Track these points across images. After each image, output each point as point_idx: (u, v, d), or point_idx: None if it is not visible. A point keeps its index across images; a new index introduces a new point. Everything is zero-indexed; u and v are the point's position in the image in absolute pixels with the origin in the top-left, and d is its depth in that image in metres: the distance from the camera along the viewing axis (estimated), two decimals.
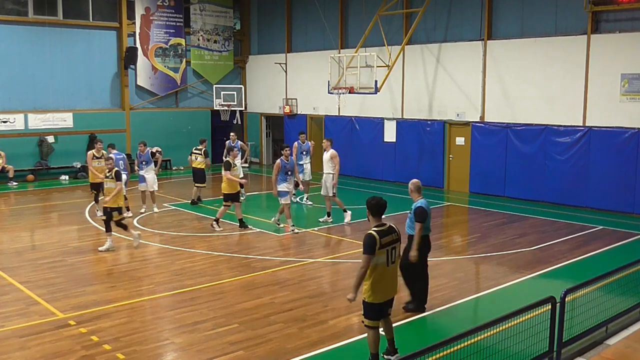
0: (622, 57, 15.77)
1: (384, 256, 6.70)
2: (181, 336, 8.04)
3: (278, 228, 14.10)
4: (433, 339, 7.31)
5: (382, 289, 6.79)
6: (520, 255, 12.12)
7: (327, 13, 23.00)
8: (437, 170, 20.02)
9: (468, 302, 9.45)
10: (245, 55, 27.12)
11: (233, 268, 11.11)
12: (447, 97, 19.65)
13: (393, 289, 6.99)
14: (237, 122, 25.71)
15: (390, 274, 6.87)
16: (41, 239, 13.62)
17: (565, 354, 7.03)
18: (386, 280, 6.80)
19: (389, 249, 6.76)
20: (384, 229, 6.78)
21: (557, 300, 6.76)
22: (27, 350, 7.51)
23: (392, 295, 7.00)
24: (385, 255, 6.72)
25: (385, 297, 6.87)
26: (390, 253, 6.79)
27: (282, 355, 7.43)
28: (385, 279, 6.78)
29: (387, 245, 6.73)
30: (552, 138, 17.18)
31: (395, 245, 6.88)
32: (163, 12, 24.26)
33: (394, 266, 6.93)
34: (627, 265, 8.79)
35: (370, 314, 6.86)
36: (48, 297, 9.44)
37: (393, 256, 6.84)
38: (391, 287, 6.94)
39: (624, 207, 15.93)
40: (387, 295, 6.91)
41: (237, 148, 16.31)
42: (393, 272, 6.93)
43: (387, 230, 6.79)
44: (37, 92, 21.72)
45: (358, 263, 11.39)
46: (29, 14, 21.31)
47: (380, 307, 6.86)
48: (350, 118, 22.43)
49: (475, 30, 18.89)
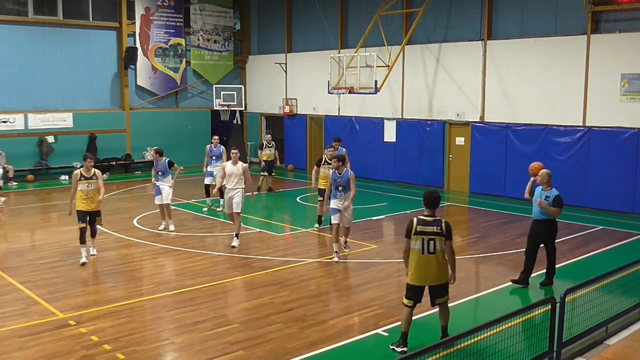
0: (622, 57, 15.77)
1: (419, 243, 7.21)
2: (181, 336, 8.04)
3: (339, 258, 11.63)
4: (433, 338, 7.33)
5: (417, 273, 7.30)
6: (520, 255, 12.07)
7: (327, 13, 23.00)
8: (437, 170, 20.01)
9: (468, 302, 9.45)
10: (245, 55, 27.12)
11: (233, 268, 11.11)
12: (447, 97, 19.65)
13: (429, 277, 7.31)
14: (237, 122, 25.71)
15: (426, 262, 7.26)
16: (41, 239, 13.62)
17: (565, 354, 7.03)
18: (421, 267, 7.27)
19: (425, 238, 7.21)
20: (427, 220, 7.28)
21: (557, 300, 6.76)
22: (27, 350, 7.51)
23: (427, 282, 7.34)
24: (420, 243, 7.21)
25: (419, 281, 7.32)
26: (427, 243, 7.21)
27: (282, 355, 7.43)
28: (419, 265, 7.26)
29: (423, 234, 7.21)
30: (552, 138, 17.18)
31: (435, 238, 7.22)
32: (163, 12, 24.26)
33: (432, 257, 7.25)
34: (627, 265, 8.80)
35: (406, 293, 7.46)
36: (48, 297, 9.44)
37: (430, 247, 7.22)
38: (426, 275, 7.30)
39: (624, 207, 15.93)
40: (422, 281, 7.32)
41: (218, 154, 16.14)
42: (429, 261, 7.27)
43: (429, 222, 7.27)
44: (37, 92, 21.72)
45: (358, 263, 11.44)
46: (29, 14, 21.31)
47: (415, 289, 7.35)
48: (350, 118, 22.43)
49: (475, 30, 18.89)
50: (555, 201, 9.62)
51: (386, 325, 8.34)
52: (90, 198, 11.13)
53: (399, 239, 13.29)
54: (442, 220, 7.34)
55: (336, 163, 11.55)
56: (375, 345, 7.88)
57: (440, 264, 7.31)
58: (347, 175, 11.48)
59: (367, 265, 11.28)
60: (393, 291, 10.04)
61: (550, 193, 9.74)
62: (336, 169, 11.55)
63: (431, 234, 7.22)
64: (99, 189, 11.23)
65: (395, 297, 9.73)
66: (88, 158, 11.31)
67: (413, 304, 7.42)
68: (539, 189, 9.97)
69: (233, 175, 12.48)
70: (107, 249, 12.44)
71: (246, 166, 12.68)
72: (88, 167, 11.20)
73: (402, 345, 7.43)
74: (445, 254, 7.33)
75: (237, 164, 12.57)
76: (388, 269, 11.13)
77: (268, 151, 19.07)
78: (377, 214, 15.82)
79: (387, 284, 10.33)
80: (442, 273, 7.36)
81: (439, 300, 7.47)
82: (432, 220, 7.27)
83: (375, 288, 10.07)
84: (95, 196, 11.18)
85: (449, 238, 7.30)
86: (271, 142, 19.35)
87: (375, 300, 9.39)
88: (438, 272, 7.32)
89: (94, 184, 11.15)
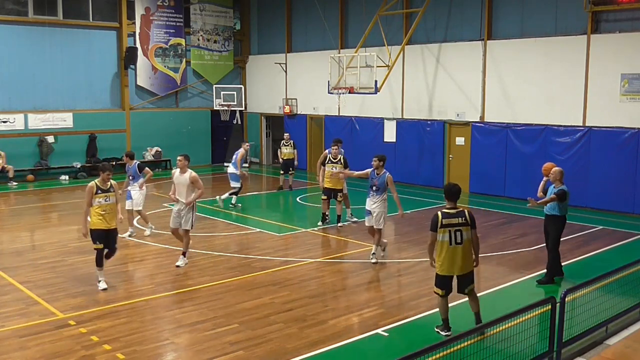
0: (622, 57, 15.76)
1: (446, 235, 7.58)
2: (181, 336, 8.04)
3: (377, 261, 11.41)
4: (433, 338, 7.33)
5: (445, 264, 7.69)
6: (520, 255, 12.12)
7: (327, 13, 22.99)
8: (437, 170, 20.01)
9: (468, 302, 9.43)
10: (245, 55, 27.12)
11: (233, 268, 11.11)
12: (447, 97, 19.64)
13: (458, 266, 7.69)
14: (237, 122, 25.73)
15: (453, 252, 7.63)
16: (41, 239, 13.62)
17: (565, 354, 7.03)
18: (449, 257, 7.65)
19: (451, 230, 7.58)
20: (451, 212, 7.67)
21: (557, 300, 6.76)
22: (27, 350, 7.51)
23: (456, 272, 7.72)
24: (448, 235, 7.57)
25: (448, 271, 7.72)
26: (454, 234, 7.58)
27: (282, 355, 7.43)
28: (448, 256, 7.64)
29: (449, 226, 7.59)
30: (552, 138, 17.17)
31: (461, 228, 7.61)
32: (163, 12, 24.26)
33: (460, 247, 7.63)
34: (627, 265, 8.81)
35: (436, 283, 7.88)
36: (48, 297, 9.44)
37: (458, 237, 7.60)
38: (455, 265, 7.67)
39: (624, 207, 15.92)
40: (451, 271, 7.72)
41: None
42: (458, 251, 7.64)
43: (454, 214, 7.66)
44: (37, 92, 21.71)
45: (358, 263, 11.44)
46: (29, 14, 21.31)
47: (444, 279, 7.77)
48: (350, 118, 22.43)
49: (475, 30, 18.89)
50: (558, 192, 9.88)
51: (386, 325, 8.34)
52: (108, 214, 9.74)
53: (399, 239, 13.31)
54: (465, 210, 7.74)
55: (377, 162, 11.31)
56: (375, 345, 7.87)
57: (467, 253, 7.73)
58: (384, 177, 11.23)
59: (367, 265, 11.28)
60: (393, 291, 10.05)
61: (560, 189, 10.04)
62: (375, 169, 11.34)
63: (457, 225, 7.61)
64: (116, 203, 9.96)
65: (395, 297, 9.74)
66: (107, 170, 9.82)
67: (445, 293, 7.83)
68: (551, 187, 10.22)
69: (180, 185, 10.81)
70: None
71: (195, 175, 10.75)
72: (105, 179, 9.83)
73: (446, 329, 7.94)
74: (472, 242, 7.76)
75: (186, 173, 10.75)
76: (388, 269, 11.13)
77: (285, 150, 19.12)
78: None
79: (387, 284, 10.33)
80: (468, 262, 7.79)
81: (468, 287, 7.86)
82: (455, 212, 7.67)
83: (375, 288, 10.07)
84: (113, 211, 9.85)
85: (474, 227, 7.74)
86: (289, 140, 19.33)
87: (375, 300, 9.39)
88: (465, 262, 7.73)
89: (111, 197, 9.82)
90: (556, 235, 10.14)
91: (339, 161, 14.24)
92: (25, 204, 17.58)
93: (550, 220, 10.16)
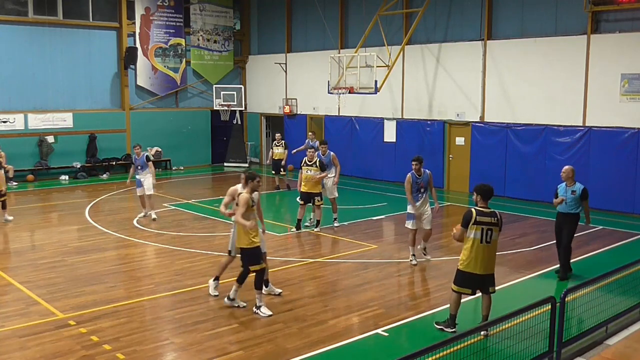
0: (622, 57, 15.76)
1: (478, 232, 7.62)
2: (181, 336, 8.04)
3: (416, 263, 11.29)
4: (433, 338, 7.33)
5: (472, 262, 7.67)
6: (520, 255, 12.12)
7: (327, 13, 22.99)
8: (437, 170, 19.96)
9: (468, 302, 9.42)
10: (245, 55, 27.12)
11: (233, 268, 11.05)
12: (447, 97, 19.65)
13: (484, 266, 7.68)
14: (237, 122, 25.73)
15: (483, 251, 7.65)
16: (41, 239, 13.61)
17: (565, 354, 7.03)
18: (478, 256, 7.64)
19: (484, 228, 7.63)
20: (485, 211, 7.76)
21: (557, 300, 6.77)
22: (27, 350, 7.51)
23: (481, 271, 7.68)
24: (480, 232, 7.61)
25: (473, 269, 7.68)
26: (486, 232, 7.62)
27: (282, 355, 7.43)
28: (477, 254, 7.64)
29: (482, 224, 7.64)
30: (552, 138, 17.17)
31: (492, 228, 7.67)
32: (163, 12, 24.26)
33: (489, 246, 7.66)
34: (627, 265, 8.81)
35: (456, 279, 7.88)
36: (48, 297, 9.44)
37: (488, 236, 7.64)
38: (482, 264, 7.66)
39: (624, 207, 15.92)
40: (476, 269, 7.68)
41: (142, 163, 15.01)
42: (486, 250, 7.67)
43: (487, 213, 7.74)
44: (37, 92, 21.71)
45: (358, 263, 11.44)
46: (29, 14, 21.30)
47: (466, 276, 7.74)
48: (350, 118, 22.43)
49: (475, 30, 18.89)
50: (584, 193, 10.34)
51: (386, 325, 8.34)
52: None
53: (399, 239, 13.29)
54: (496, 212, 7.84)
55: (417, 165, 11.08)
56: (375, 345, 7.87)
57: (493, 254, 7.76)
58: (427, 175, 11.19)
59: (367, 265, 11.28)
60: (393, 291, 10.05)
61: (575, 187, 10.41)
62: (416, 172, 11.09)
63: (489, 224, 7.67)
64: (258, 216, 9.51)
65: (395, 297, 9.74)
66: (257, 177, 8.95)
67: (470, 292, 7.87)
68: (562, 186, 10.53)
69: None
70: (107, 249, 12.45)
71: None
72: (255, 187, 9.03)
73: (452, 326, 7.92)
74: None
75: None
76: (388, 269, 11.13)
77: (277, 150, 19.17)
78: (377, 214, 15.81)
79: (387, 284, 10.32)
80: (492, 263, 7.80)
81: (492, 289, 7.85)
82: (489, 212, 7.77)
83: (375, 288, 10.07)
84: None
85: (501, 229, 7.83)
86: (281, 140, 19.38)
87: (375, 300, 9.39)
88: (490, 262, 7.76)
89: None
90: (573, 232, 10.52)
91: (314, 164, 13.75)
92: (25, 204, 17.58)
93: (568, 218, 10.47)
